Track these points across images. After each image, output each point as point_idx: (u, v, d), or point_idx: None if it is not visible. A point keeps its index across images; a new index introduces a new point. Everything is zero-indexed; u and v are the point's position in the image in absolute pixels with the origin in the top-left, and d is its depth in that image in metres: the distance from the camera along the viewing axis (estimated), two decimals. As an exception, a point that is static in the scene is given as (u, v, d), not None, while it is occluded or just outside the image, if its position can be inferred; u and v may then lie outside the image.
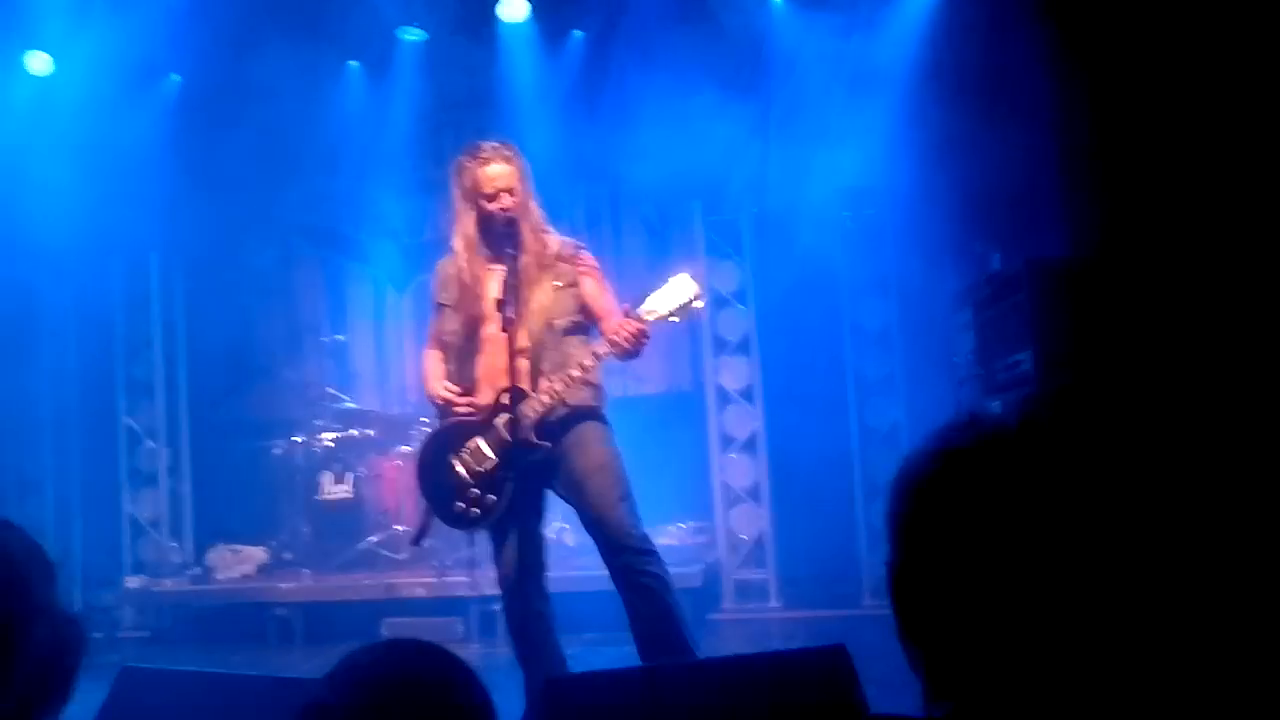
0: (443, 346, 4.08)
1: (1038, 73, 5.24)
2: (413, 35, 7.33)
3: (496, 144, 3.96)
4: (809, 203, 6.59)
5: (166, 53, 6.96)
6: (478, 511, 3.85)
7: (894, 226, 6.73)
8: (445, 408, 3.98)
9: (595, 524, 3.80)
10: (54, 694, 1.41)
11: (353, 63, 7.60)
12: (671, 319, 3.73)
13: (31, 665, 1.36)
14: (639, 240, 7.68)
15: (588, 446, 3.85)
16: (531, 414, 3.76)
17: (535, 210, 3.97)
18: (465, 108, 7.59)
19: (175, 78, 7.40)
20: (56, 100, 6.89)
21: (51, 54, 6.99)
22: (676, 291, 3.72)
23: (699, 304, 3.78)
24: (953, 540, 1.07)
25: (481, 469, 3.85)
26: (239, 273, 7.92)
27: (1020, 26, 5.47)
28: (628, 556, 3.75)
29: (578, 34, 7.35)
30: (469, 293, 3.95)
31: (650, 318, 3.71)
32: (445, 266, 4.05)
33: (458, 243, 3.98)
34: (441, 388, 3.97)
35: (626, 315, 3.74)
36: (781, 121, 6.62)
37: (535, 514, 3.94)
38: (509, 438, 3.77)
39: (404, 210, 7.87)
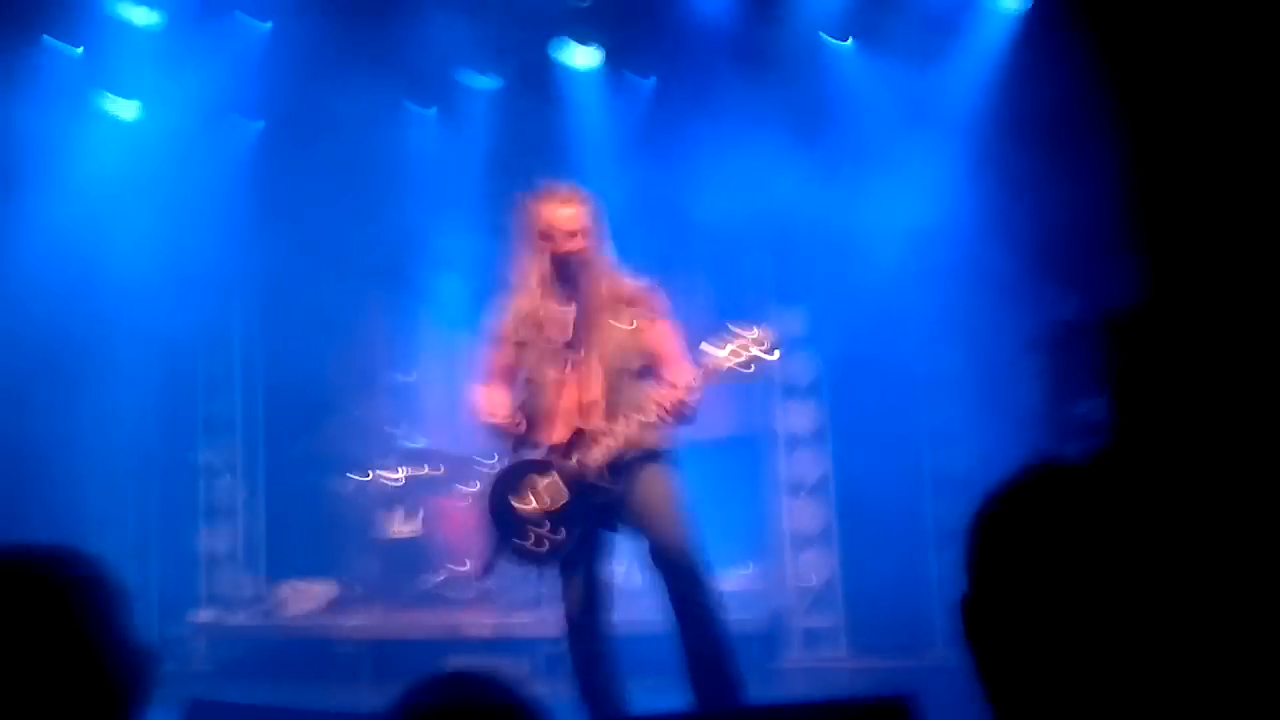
0: (509, 383, 4.13)
1: (1113, 115, 5.19)
2: (485, 83, 7.46)
3: (569, 186, 4.04)
4: (878, 246, 6.56)
5: (246, 98, 7.17)
6: (546, 548, 3.92)
7: (965, 270, 6.66)
8: (507, 434, 4.03)
9: (658, 551, 3.87)
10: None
11: (427, 109, 7.75)
12: (743, 370, 3.76)
13: (100, 695, 1.39)
14: (708, 286, 7.69)
15: (653, 480, 3.91)
16: (602, 455, 3.81)
17: (606, 253, 4.02)
18: (535, 152, 7.68)
19: (258, 123, 7.61)
20: (142, 144, 7.13)
21: (139, 100, 7.24)
22: (750, 342, 3.74)
23: (773, 356, 3.80)
24: (1028, 575, 1.07)
25: (551, 506, 3.92)
26: (314, 313, 8.07)
27: (1093, 67, 5.43)
28: (686, 584, 3.83)
29: (647, 81, 7.43)
30: (541, 332, 4.01)
31: (705, 377, 3.75)
32: (519, 305, 4.12)
33: (530, 282, 4.05)
34: (503, 414, 4.02)
35: (674, 385, 3.78)
36: (850, 164, 6.61)
37: (601, 554, 3.98)
38: (579, 477, 3.82)
39: (472, 252, 7.97)
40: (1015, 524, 1.12)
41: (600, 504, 3.87)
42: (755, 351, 3.76)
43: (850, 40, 6.98)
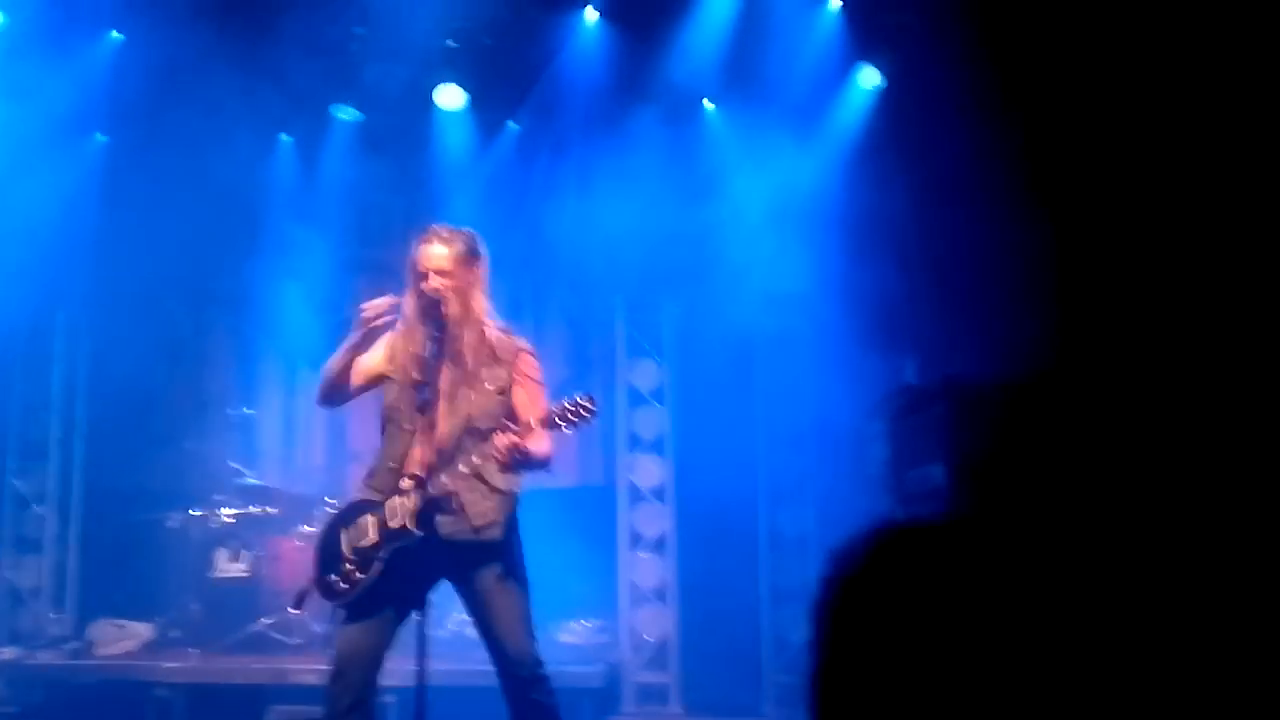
0: (385, 419, 4.03)
1: (971, 188, 5.42)
2: (347, 114, 7.34)
3: (446, 227, 4.01)
4: (731, 305, 6.68)
5: (94, 109, 6.88)
6: (345, 586, 3.88)
7: (814, 333, 6.84)
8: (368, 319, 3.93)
9: (494, 644, 3.89)
10: None
11: (285, 136, 7.58)
12: (564, 431, 3.74)
13: None
14: (560, 333, 7.69)
15: (494, 565, 3.88)
16: (415, 501, 3.75)
17: (477, 300, 3.96)
18: (395, 190, 7.60)
19: (101, 137, 7.30)
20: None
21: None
22: (576, 408, 3.70)
23: (589, 420, 3.75)
24: (878, 642, 1.07)
25: (360, 545, 3.89)
26: (149, 338, 7.71)
27: (947, 143, 5.67)
28: (521, 681, 3.88)
29: (512, 125, 7.44)
30: (403, 371, 3.94)
31: (535, 432, 3.71)
32: (393, 339, 4.04)
33: (401, 320, 3.99)
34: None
35: (509, 431, 3.72)
36: (709, 222, 6.73)
37: (401, 604, 3.85)
38: (388, 523, 3.83)
39: (326, 287, 7.80)
40: (866, 586, 1.12)
41: (403, 555, 3.80)
42: (583, 415, 3.72)
43: (712, 104, 7.15)
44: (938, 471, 4.47)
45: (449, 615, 6.72)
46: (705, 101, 7.16)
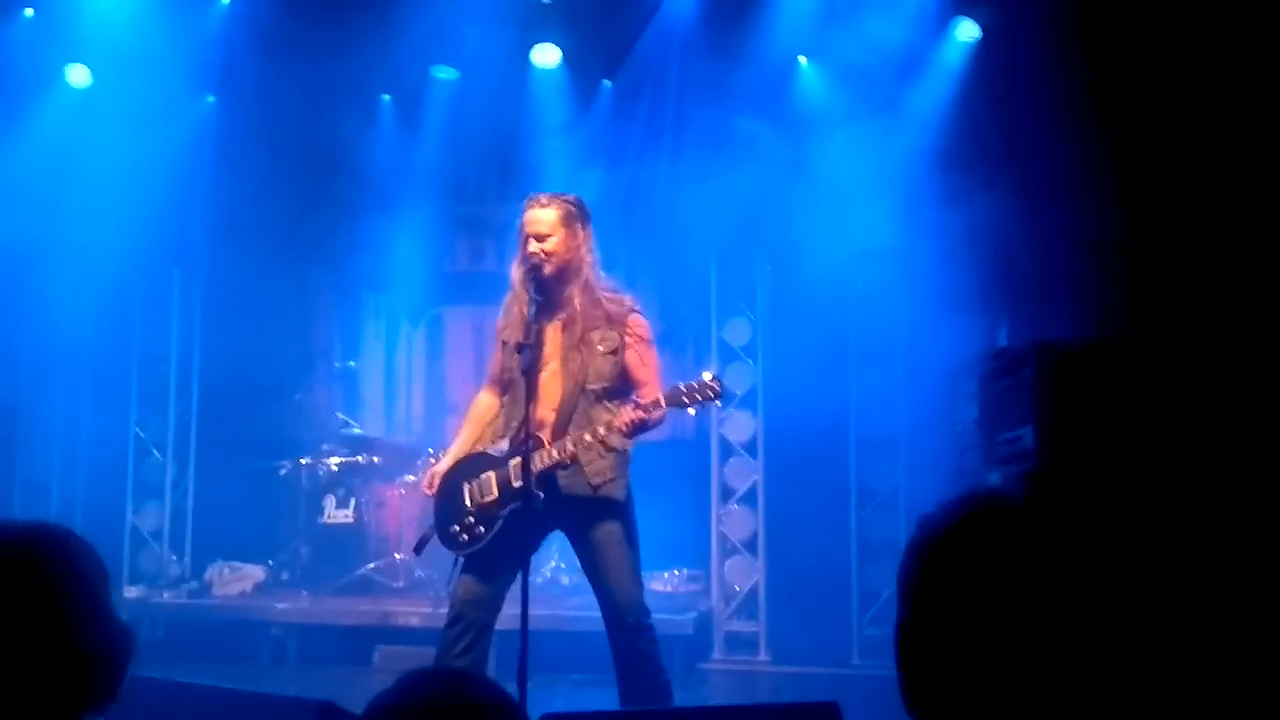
0: (502, 385, 4.18)
1: (1066, 153, 5.35)
2: (446, 74, 7.49)
3: (549, 193, 4.08)
4: (824, 262, 6.69)
5: (204, 72, 7.12)
6: (466, 538, 4.04)
7: (907, 292, 6.82)
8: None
9: (604, 593, 4.01)
10: (101, 694, 1.50)
11: (385, 96, 7.75)
12: (688, 411, 3.87)
13: (82, 665, 1.45)
14: (653, 290, 7.77)
15: (607, 520, 4.00)
16: (537, 464, 3.88)
17: (585, 264, 4.03)
18: (490, 148, 7.73)
19: (211, 98, 7.55)
20: (94, 113, 7.05)
21: (90, 67, 7.16)
22: (703, 389, 3.83)
23: (717, 403, 3.92)
24: (962, 607, 1.13)
25: (482, 501, 4.03)
26: (257, 293, 8.01)
27: (1051, 105, 5.59)
28: (627, 628, 3.99)
29: (606, 84, 7.50)
30: (513, 334, 4.06)
31: (661, 408, 3.85)
32: (509, 304, 4.16)
33: (514, 284, 4.10)
34: (443, 461, 4.19)
35: (637, 406, 3.86)
36: (802, 180, 6.73)
37: (517, 554, 3.98)
38: (509, 482, 3.95)
39: (424, 244, 7.99)
40: (953, 555, 1.17)
41: (529, 511, 3.93)
42: (710, 395, 3.85)
43: (805, 59, 7.11)
44: (1027, 434, 4.48)
45: (544, 563, 6.95)
46: (801, 58, 7.12)
